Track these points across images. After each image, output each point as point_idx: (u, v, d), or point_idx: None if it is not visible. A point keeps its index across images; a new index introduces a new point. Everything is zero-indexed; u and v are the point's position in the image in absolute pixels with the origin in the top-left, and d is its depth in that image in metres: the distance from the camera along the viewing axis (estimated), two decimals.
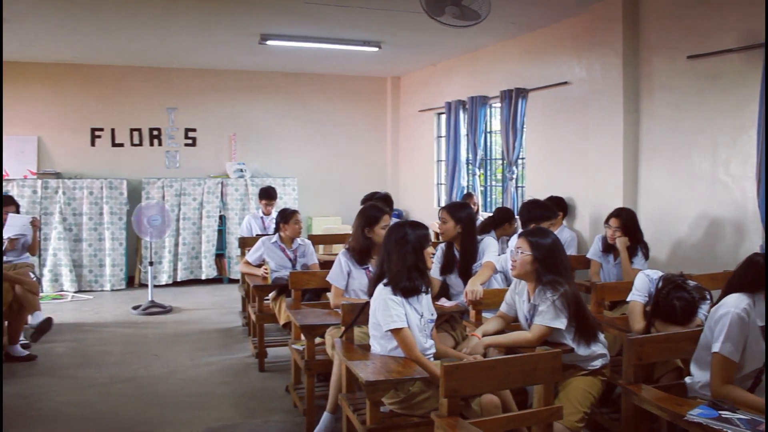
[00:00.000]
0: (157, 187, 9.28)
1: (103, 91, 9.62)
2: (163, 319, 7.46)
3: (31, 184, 8.89)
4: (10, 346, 5.88)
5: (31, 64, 9.26)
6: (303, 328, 4.11)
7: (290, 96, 10.42)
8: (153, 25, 7.20)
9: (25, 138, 9.34)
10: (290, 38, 7.77)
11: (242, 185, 9.65)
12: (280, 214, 5.92)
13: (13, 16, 6.71)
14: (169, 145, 9.92)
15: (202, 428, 4.33)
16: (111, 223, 9.08)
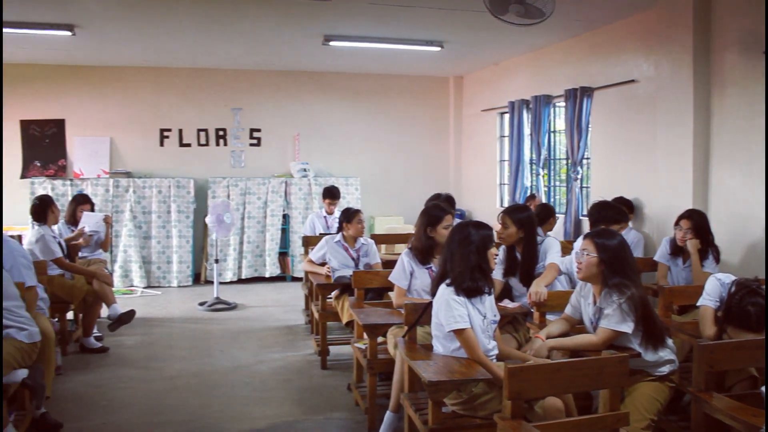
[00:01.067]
0: (222, 187, 9.47)
1: (171, 93, 9.88)
2: (228, 315, 7.61)
3: (103, 183, 9.20)
4: (84, 338, 6.11)
5: (104, 68, 9.58)
6: (366, 327, 4.14)
7: (353, 96, 10.49)
8: (220, 28, 7.36)
9: (98, 139, 9.67)
10: (353, 39, 7.83)
11: (306, 185, 9.76)
12: (343, 213, 5.96)
13: (88, 23, 6.98)
14: (234, 145, 10.11)
15: (265, 424, 4.39)
16: (178, 221, 9.31)
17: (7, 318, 3.85)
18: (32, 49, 8.41)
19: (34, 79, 9.45)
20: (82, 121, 9.64)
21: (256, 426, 4.35)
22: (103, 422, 4.43)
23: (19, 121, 9.46)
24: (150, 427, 4.35)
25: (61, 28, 7.04)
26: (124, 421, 4.45)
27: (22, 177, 9.39)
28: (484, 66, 9.83)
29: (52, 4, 6.33)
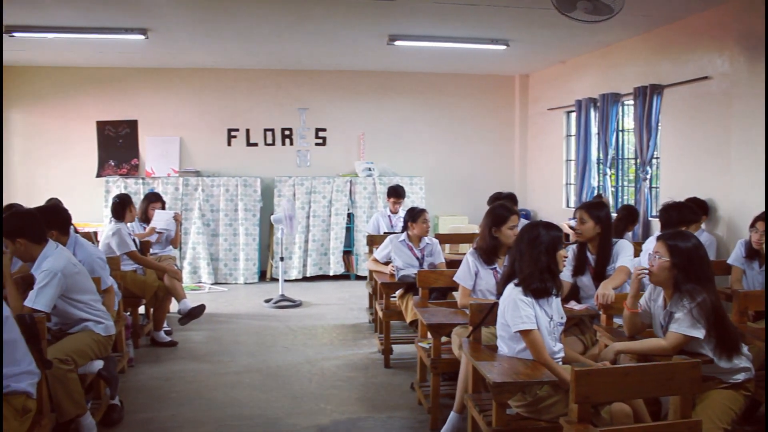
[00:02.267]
0: (288, 186, 9.60)
1: (238, 94, 10.08)
2: (293, 312, 7.71)
3: (173, 182, 9.45)
4: (155, 332, 6.30)
5: (175, 70, 9.85)
6: (430, 327, 4.14)
7: (418, 95, 10.48)
8: (286, 30, 7.47)
9: (168, 139, 9.94)
10: (418, 38, 7.82)
11: (370, 184, 9.81)
12: (408, 212, 5.96)
13: (161, 27, 7.19)
14: (300, 144, 10.24)
15: (328, 420, 4.44)
16: (245, 219, 9.49)
17: (85, 311, 4.02)
18: (107, 53, 8.72)
19: (109, 81, 9.79)
20: (153, 121, 9.95)
21: (319, 422, 4.40)
22: (172, 414, 4.55)
23: (95, 122, 9.81)
24: (217, 420, 4.45)
25: (135, 32, 7.27)
26: (193, 414, 4.56)
27: (97, 176, 9.74)
28: (551, 64, 9.69)
29: (128, 10, 6.54)
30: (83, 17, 6.80)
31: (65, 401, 3.59)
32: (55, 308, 3.83)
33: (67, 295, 3.88)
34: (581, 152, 8.60)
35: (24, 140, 9.80)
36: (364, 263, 9.39)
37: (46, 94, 9.76)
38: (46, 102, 9.78)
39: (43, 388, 3.22)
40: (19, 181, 9.13)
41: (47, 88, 9.75)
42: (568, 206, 9.33)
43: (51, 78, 9.72)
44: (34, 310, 3.62)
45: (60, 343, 3.77)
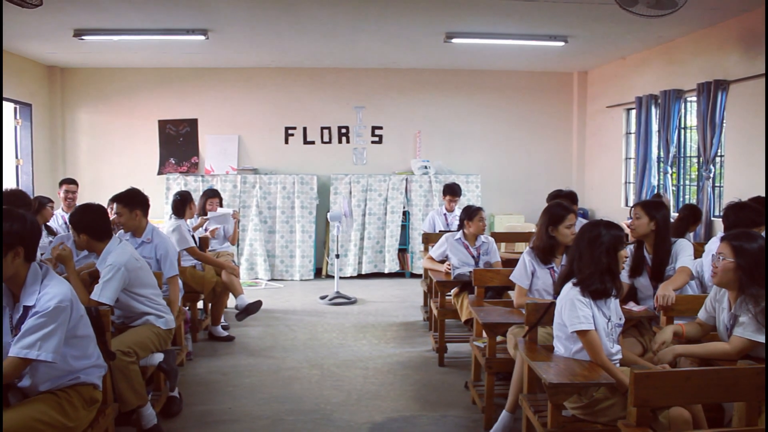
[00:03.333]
0: (344, 183, 9.66)
1: (296, 92, 10.19)
2: (348, 309, 7.76)
3: (232, 179, 9.62)
4: (212, 327, 6.42)
5: (234, 70, 10.03)
6: (485, 326, 4.11)
7: (474, 93, 10.42)
8: (343, 29, 7.52)
9: (227, 137, 10.12)
10: (475, 36, 7.78)
11: (426, 182, 9.80)
12: (464, 211, 5.93)
13: (221, 27, 7.33)
14: (356, 142, 10.30)
15: (382, 417, 4.45)
16: (302, 217, 9.59)
17: (147, 305, 4.13)
18: (169, 54, 8.93)
19: (171, 81, 10.03)
20: (213, 120, 10.15)
21: (373, 419, 4.42)
22: (229, 407, 4.64)
23: (157, 121, 10.07)
24: (273, 414, 4.51)
25: (196, 33, 7.43)
26: (249, 407, 4.64)
27: (158, 173, 10.00)
28: (610, 60, 9.51)
29: (189, 11, 6.69)
30: (147, 19, 6.98)
31: (127, 392, 3.69)
32: (118, 302, 3.96)
33: (129, 289, 4.01)
34: (641, 150, 8.41)
35: (90, 139, 10.14)
36: (419, 261, 9.40)
37: (110, 94, 10.08)
38: (110, 102, 10.09)
39: (107, 379, 3.31)
40: (86, 179, 9.42)
41: (112, 89, 10.06)
42: (627, 205, 9.15)
43: (115, 79, 10.03)
44: (99, 303, 3.75)
45: (123, 336, 3.89)
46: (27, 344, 2.69)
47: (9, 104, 9.02)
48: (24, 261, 2.78)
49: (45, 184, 9.60)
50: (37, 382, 2.88)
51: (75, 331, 2.93)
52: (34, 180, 9.38)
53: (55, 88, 9.99)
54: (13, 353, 2.70)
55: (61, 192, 7.28)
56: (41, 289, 2.81)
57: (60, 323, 2.77)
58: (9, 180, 9.19)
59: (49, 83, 9.90)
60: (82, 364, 3.01)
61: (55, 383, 2.93)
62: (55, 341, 2.74)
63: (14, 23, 7.13)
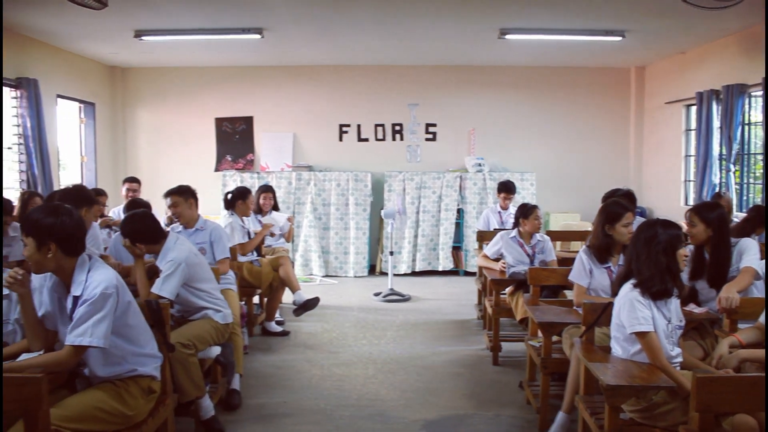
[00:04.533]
0: (398, 180, 9.68)
1: (350, 90, 10.25)
2: (402, 306, 7.77)
3: (287, 176, 9.73)
4: (267, 322, 6.51)
5: (289, 68, 10.15)
6: (541, 325, 4.07)
7: (529, 90, 10.31)
8: (398, 26, 7.52)
9: (282, 135, 10.24)
10: (530, 31, 7.70)
11: (480, 179, 9.74)
12: (519, 209, 5.88)
13: (276, 26, 7.42)
14: (410, 139, 10.30)
15: (436, 415, 4.45)
16: (356, 214, 9.64)
17: (205, 299, 4.22)
18: (226, 53, 9.09)
19: (227, 80, 10.20)
20: (268, 117, 10.28)
21: (427, 416, 4.42)
22: (284, 401, 4.70)
23: (214, 119, 10.25)
24: (327, 409, 4.56)
25: (252, 32, 7.54)
26: (303, 402, 4.69)
27: (215, 170, 10.18)
28: (669, 55, 9.29)
29: (245, 11, 6.79)
30: (204, 19, 7.12)
31: (186, 383, 3.78)
32: (177, 296, 4.05)
33: (189, 283, 4.10)
34: (702, 147, 8.19)
35: (149, 136, 10.40)
36: (474, 259, 9.35)
37: (168, 93, 10.31)
38: (169, 100, 10.33)
39: (166, 370, 3.40)
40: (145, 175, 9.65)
41: (170, 88, 10.30)
42: (687, 204, 8.93)
43: (173, 78, 10.25)
44: (160, 296, 3.85)
45: (182, 329, 3.98)
46: (80, 332, 2.83)
47: (74, 103, 9.32)
48: (64, 255, 2.89)
49: (107, 180, 9.88)
50: (94, 369, 3.01)
51: (125, 319, 3.03)
52: (97, 176, 9.67)
53: (117, 88, 10.27)
54: (68, 342, 2.84)
55: (124, 190, 7.50)
56: (87, 278, 2.93)
57: (108, 310, 2.88)
58: (74, 176, 9.50)
59: (111, 83, 10.18)
60: (135, 353, 3.10)
61: (112, 372, 3.03)
62: (104, 327, 2.86)
63: (78, 26, 7.36)
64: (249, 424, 4.31)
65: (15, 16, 6.90)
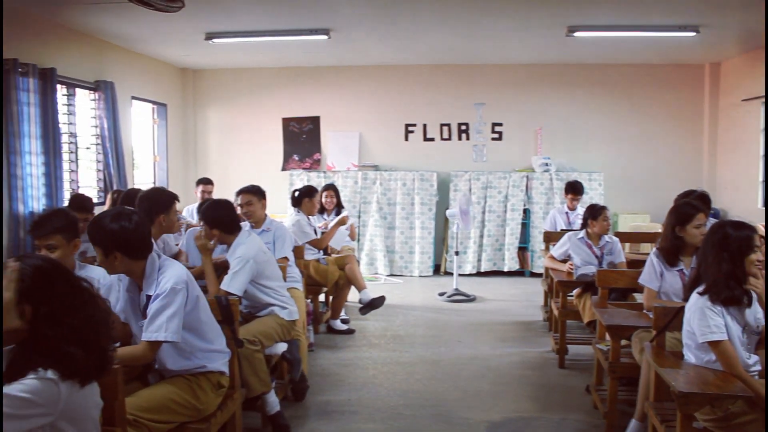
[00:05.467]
0: (464, 180, 9.63)
1: (415, 90, 10.24)
2: (467, 307, 7.74)
3: (353, 176, 9.80)
4: (332, 320, 6.57)
5: (355, 68, 10.20)
6: (609, 328, 3.99)
7: (597, 88, 10.10)
8: (463, 25, 7.47)
9: (348, 134, 10.32)
10: (599, 28, 7.53)
11: (547, 179, 9.61)
12: (588, 210, 5.77)
13: (342, 27, 7.48)
14: (476, 139, 10.23)
15: (500, 417, 4.41)
16: (421, 213, 9.63)
17: (272, 296, 4.30)
18: (293, 54, 9.21)
19: (294, 80, 10.34)
20: (334, 117, 10.37)
21: (491, 418, 4.39)
22: (348, 398, 4.74)
23: (281, 119, 10.40)
24: (391, 407, 4.57)
25: (319, 33, 7.62)
26: (368, 400, 4.72)
27: (282, 169, 10.34)
28: (747, 50, 8.94)
29: (312, 12, 6.87)
30: (272, 21, 7.23)
31: (252, 379, 3.86)
32: (245, 293, 4.14)
33: (256, 280, 4.18)
34: None
35: (219, 136, 10.64)
36: (540, 260, 9.24)
37: (237, 93, 10.52)
38: (237, 101, 10.53)
39: (235, 365, 3.47)
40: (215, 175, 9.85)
41: (239, 89, 10.50)
42: (765, 206, 8.59)
43: (242, 79, 10.45)
44: (229, 293, 3.93)
45: (249, 325, 4.06)
46: (154, 328, 2.92)
47: (147, 104, 9.60)
48: (130, 259, 2.98)
49: (178, 179, 10.17)
50: (166, 364, 3.10)
51: (195, 314, 3.11)
52: (168, 175, 9.94)
53: (188, 89, 10.53)
54: (144, 338, 2.95)
55: (198, 191, 7.71)
56: (158, 276, 3.03)
57: (178, 305, 2.97)
58: (147, 176, 9.79)
59: (182, 84, 10.45)
60: (204, 348, 3.18)
61: (183, 367, 3.11)
62: (176, 322, 2.95)
63: (152, 30, 7.59)
64: (314, 420, 4.37)
65: (94, 22, 7.17)
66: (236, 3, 6.49)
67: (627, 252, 6.99)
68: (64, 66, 7.10)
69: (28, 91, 6.40)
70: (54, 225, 3.24)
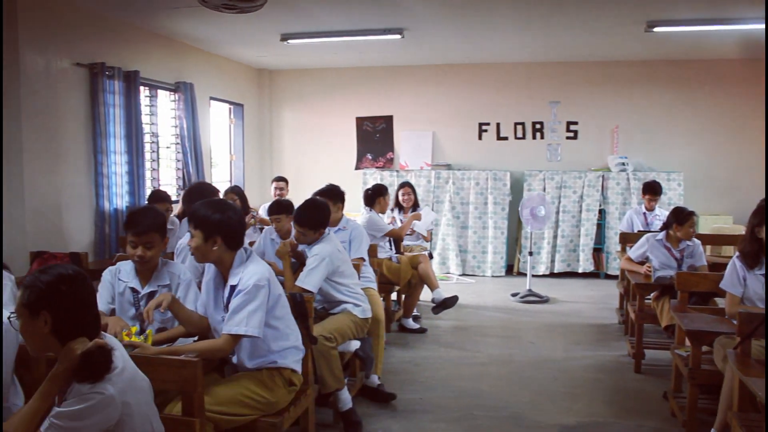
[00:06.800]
0: (538, 180, 9.50)
1: (489, 88, 10.15)
2: (540, 308, 7.64)
3: (426, 175, 9.81)
4: (404, 319, 6.61)
5: (428, 67, 10.19)
6: (689, 334, 3.87)
7: (677, 85, 9.76)
8: (538, 22, 7.37)
9: (422, 133, 10.32)
10: (680, 23, 7.29)
11: (624, 179, 9.38)
12: (674, 213, 5.53)
13: (416, 26, 7.49)
14: (550, 138, 10.08)
15: (573, 421, 4.34)
16: (494, 213, 9.56)
17: (346, 294, 4.35)
18: (366, 54, 9.27)
19: (367, 80, 10.42)
20: (407, 116, 10.40)
21: (564, 422, 4.33)
22: (420, 397, 4.75)
23: (355, 118, 10.49)
24: (462, 408, 4.56)
25: (393, 32, 7.65)
26: (439, 399, 4.72)
27: (355, 168, 10.43)
28: None
29: (386, 12, 6.90)
30: (346, 21, 7.30)
31: (327, 375, 3.91)
32: (320, 290, 4.20)
33: (331, 278, 4.24)
34: None
35: (293, 135, 10.82)
36: (615, 261, 9.04)
37: (311, 93, 10.67)
38: (311, 101, 10.69)
39: (308, 362, 3.52)
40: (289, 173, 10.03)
41: (313, 89, 10.65)
42: None
43: (316, 79, 10.59)
44: (304, 289, 4.00)
45: (325, 322, 4.12)
46: (236, 322, 2.99)
47: (224, 105, 9.85)
48: (226, 248, 3.09)
49: (254, 177, 10.40)
50: (242, 359, 3.17)
51: (274, 311, 3.17)
52: (244, 174, 10.17)
53: (264, 90, 10.75)
54: (225, 331, 3.02)
55: (272, 188, 7.90)
56: (244, 270, 3.10)
57: (261, 301, 3.04)
58: (223, 174, 10.04)
59: (258, 85, 10.67)
60: (280, 345, 3.23)
61: (258, 363, 3.18)
62: (258, 317, 3.02)
63: (229, 32, 7.79)
64: (385, 418, 4.39)
65: (174, 26, 7.41)
66: (311, 4, 6.58)
67: (708, 255, 6.76)
68: (147, 68, 7.37)
69: (114, 93, 6.67)
70: (152, 223, 3.34)
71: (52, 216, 6.11)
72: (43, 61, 5.92)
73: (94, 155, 6.56)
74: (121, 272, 3.42)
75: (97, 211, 6.61)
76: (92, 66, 6.46)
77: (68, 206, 6.30)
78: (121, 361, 2.14)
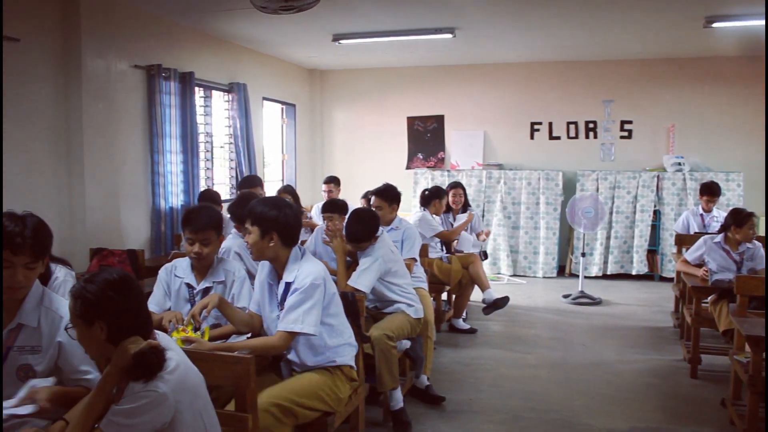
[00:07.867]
0: (591, 180, 9.36)
1: (541, 87, 10.05)
2: (592, 310, 7.53)
3: (477, 174, 9.76)
4: (454, 319, 6.60)
5: (479, 66, 10.15)
6: (749, 339, 3.76)
7: (736, 82, 9.48)
8: (591, 20, 7.26)
9: (473, 133, 10.28)
10: (740, 17, 7.07)
11: (680, 179, 9.17)
12: (732, 215, 5.39)
13: (467, 25, 7.48)
14: (604, 137, 9.92)
15: (626, 426, 4.28)
16: (546, 213, 9.46)
17: (399, 294, 4.37)
18: (418, 53, 9.27)
19: (418, 79, 10.43)
20: (459, 116, 10.37)
21: (617, 427, 4.27)
22: (470, 398, 4.74)
23: (406, 118, 10.51)
24: (512, 409, 4.54)
25: (444, 32, 7.64)
26: (490, 400, 4.71)
27: (407, 168, 10.45)
28: None
29: (437, 11, 6.89)
30: (398, 21, 7.31)
31: (385, 374, 3.94)
32: (373, 290, 4.22)
33: (384, 277, 4.27)
34: None
35: (345, 135, 10.90)
36: (670, 264, 8.85)
37: (362, 93, 10.73)
38: (362, 100, 10.74)
39: (360, 359, 3.55)
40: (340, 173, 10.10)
41: (364, 88, 10.71)
42: None
43: (367, 79, 10.64)
44: (356, 289, 4.02)
45: (383, 322, 4.16)
46: (291, 319, 3.04)
47: (276, 105, 9.97)
48: (282, 245, 3.13)
49: (305, 177, 10.51)
50: (303, 357, 3.19)
51: (328, 309, 3.20)
52: (296, 173, 10.28)
53: (315, 90, 10.85)
54: (280, 328, 3.06)
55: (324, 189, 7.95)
56: (299, 268, 3.14)
57: (316, 299, 3.07)
58: (276, 173, 10.16)
59: (310, 85, 10.77)
60: (335, 342, 3.26)
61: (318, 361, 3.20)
62: (314, 315, 3.06)
63: (281, 33, 7.89)
64: (435, 419, 4.39)
65: (228, 27, 7.53)
66: (363, 4, 6.61)
67: None
68: (201, 70, 7.51)
69: (170, 94, 6.81)
70: (209, 221, 3.41)
71: (111, 213, 6.28)
72: (103, 64, 6.08)
73: (150, 155, 6.72)
74: (177, 269, 3.51)
75: (153, 209, 6.77)
76: (149, 68, 6.61)
77: (126, 204, 6.47)
78: (174, 360, 2.18)
